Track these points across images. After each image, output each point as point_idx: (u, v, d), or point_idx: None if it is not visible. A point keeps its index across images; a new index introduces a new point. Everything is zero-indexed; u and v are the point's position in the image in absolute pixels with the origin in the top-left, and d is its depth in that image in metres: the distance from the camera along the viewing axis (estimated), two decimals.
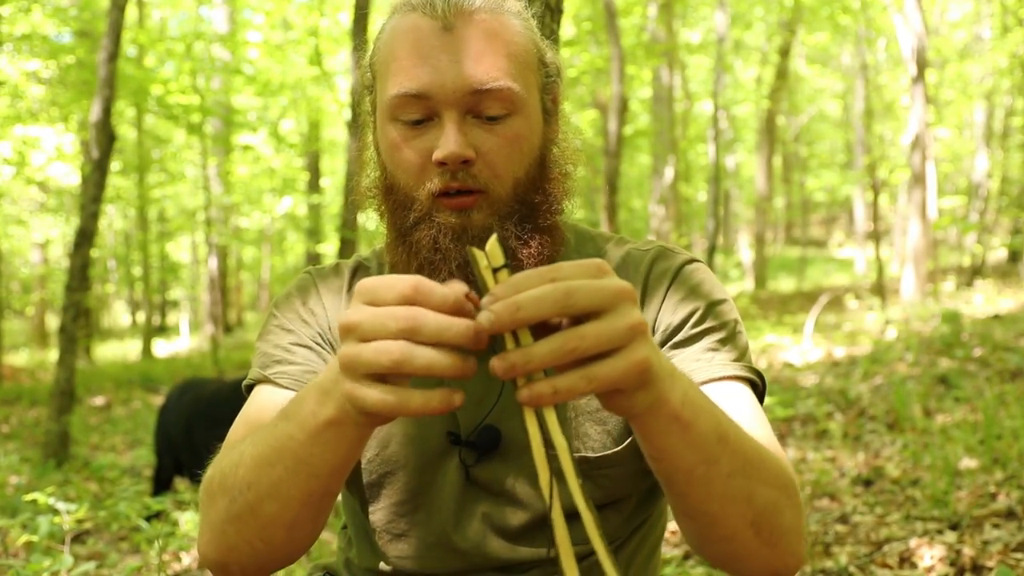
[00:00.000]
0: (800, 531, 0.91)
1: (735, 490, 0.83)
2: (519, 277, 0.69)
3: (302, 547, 0.93)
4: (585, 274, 0.69)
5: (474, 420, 1.06)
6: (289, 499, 0.85)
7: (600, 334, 0.68)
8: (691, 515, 0.87)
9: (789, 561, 0.90)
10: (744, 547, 0.87)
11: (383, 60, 1.03)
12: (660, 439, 0.78)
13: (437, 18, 0.98)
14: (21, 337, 19.61)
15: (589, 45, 12.79)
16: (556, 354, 0.67)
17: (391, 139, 1.02)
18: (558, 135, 1.09)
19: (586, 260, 0.71)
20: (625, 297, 0.69)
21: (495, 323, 0.67)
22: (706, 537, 0.89)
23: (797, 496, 0.91)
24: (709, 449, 0.80)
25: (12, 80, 10.05)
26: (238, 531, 0.90)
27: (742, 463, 0.83)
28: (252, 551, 0.91)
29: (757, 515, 0.85)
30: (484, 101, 0.98)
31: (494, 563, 1.06)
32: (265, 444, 0.86)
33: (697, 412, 0.78)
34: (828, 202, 27.89)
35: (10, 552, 3.14)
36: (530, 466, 1.04)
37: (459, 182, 0.99)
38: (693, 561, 2.73)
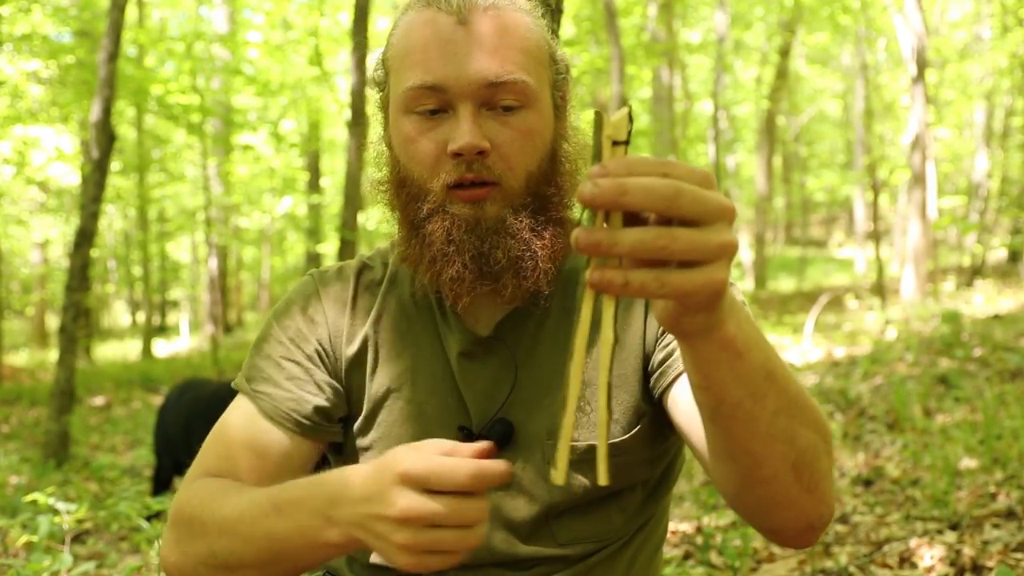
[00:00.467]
0: (832, 481, 0.91)
1: (779, 429, 0.82)
2: (635, 159, 0.65)
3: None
4: (696, 180, 0.66)
5: (486, 413, 1.07)
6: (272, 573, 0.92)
7: (693, 241, 0.64)
8: (733, 455, 0.85)
9: (823, 510, 0.90)
10: (784, 491, 0.87)
11: (398, 55, 1.04)
12: (709, 366, 0.77)
13: (452, 13, 1.00)
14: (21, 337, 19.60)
15: (589, 45, 12.79)
16: (644, 246, 0.64)
17: (405, 132, 1.03)
18: (568, 131, 1.10)
19: (697, 167, 0.68)
20: (726, 215, 0.66)
21: (597, 197, 0.63)
22: (746, 480, 0.87)
23: (831, 445, 0.90)
24: (757, 384, 0.79)
25: (12, 80, 10.05)
26: (211, 574, 0.95)
27: (787, 403, 0.82)
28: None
29: (799, 457, 0.85)
30: (499, 94, 1.00)
31: (499, 558, 1.06)
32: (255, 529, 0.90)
33: (749, 344, 0.77)
34: (828, 202, 27.88)
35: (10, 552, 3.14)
36: (539, 457, 1.05)
37: (474, 173, 0.99)
38: (693, 561, 2.73)
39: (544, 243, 1.03)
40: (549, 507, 1.05)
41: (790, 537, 0.93)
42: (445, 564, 0.79)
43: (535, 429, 1.06)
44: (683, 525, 3.10)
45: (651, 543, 1.15)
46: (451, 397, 1.08)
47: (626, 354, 1.08)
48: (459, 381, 1.08)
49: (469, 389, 1.07)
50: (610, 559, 1.09)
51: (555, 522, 1.07)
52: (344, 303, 1.14)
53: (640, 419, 1.07)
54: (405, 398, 1.09)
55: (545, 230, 1.03)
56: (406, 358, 1.10)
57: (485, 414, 1.07)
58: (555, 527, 1.07)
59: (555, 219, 1.05)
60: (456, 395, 1.08)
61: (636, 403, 1.07)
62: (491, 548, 1.06)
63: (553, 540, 1.07)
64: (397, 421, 1.09)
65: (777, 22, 17.34)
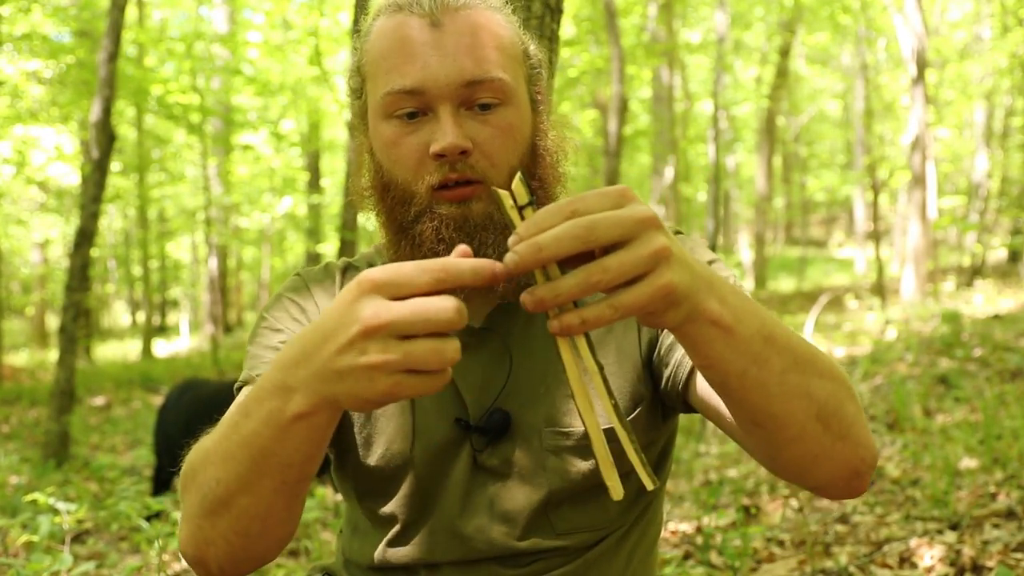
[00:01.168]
0: (865, 423, 0.91)
1: (792, 386, 0.83)
2: (540, 215, 0.70)
3: (279, 539, 0.92)
4: (608, 204, 0.71)
5: (482, 405, 1.07)
6: (260, 490, 0.85)
7: (623, 264, 0.69)
8: (757, 421, 0.86)
9: (863, 454, 0.90)
10: (817, 443, 0.87)
11: (372, 61, 1.04)
12: (705, 346, 0.79)
13: (425, 15, 1.00)
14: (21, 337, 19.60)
15: (589, 45, 12.79)
16: (581, 287, 0.69)
17: (386, 137, 1.03)
18: (546, 125, 1.11)
19: (610, 188, 0.72)
20: (648, 224, 0.71)
21: (520, 264, 0.68)
22: (777, 443, 0.88)
23: (853, 390, 0.91)
24: (756, 350, 0.80)
25: (12, 80, 10.05)
26: (213, 525, 0.89)
27: (792, 359, 0.83)
28: (228, 546, 0.90)
29: (821, 407, 0.85)
30: (476, 93, 1.00)
31: (498, 551, 1.06)
32: (230, 441, 0.85)
33: (739, 316, 0.79)
34: (828, 202, 27.87)
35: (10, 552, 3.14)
36: (536, 445, 1.06)
37: (458, 173, 1.00)
38: (693, 561, 2.73)
39: None
40: (548, 495, 1.06)
41: (840, 488, 0.93)
42: (425, 386, 0.71)
43: (532, 419, 1.07)
44: (683, 525, 3.11)
45: (648, 537, 1.16)
46: (447, 389, 1.08)
47: (617, 336, 1.09)
48: (454, 373, 1.08)
49: (463, 380, 1.08)
50: (609, 553, 1.10)
51: (553, 512, 1.07)
52: (332, 295, 1.15)
53: (637, 404, 1.08)
54: None
55: None
56: None
57: (481, 405, 1.07)
58: (553, 517, 1.07)
59: None
60: (452, 387, 1.08)
61: (632, 387, 1.08)
62: (490, 541, 1.06)
63: (552, 531, 1.07)
64: (394, 412, 1.09)
65: (777, 22, 17.33)
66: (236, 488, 0.85)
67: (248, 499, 0.86)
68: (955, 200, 15.71)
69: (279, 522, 0.90)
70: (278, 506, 0.87)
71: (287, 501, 0.87)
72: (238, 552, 0.91)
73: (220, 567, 0.93)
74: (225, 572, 0.94)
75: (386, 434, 1.09)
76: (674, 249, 0.72)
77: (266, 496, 0.85)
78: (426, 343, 0.69)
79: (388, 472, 1.09)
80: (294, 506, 0.90)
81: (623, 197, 0.71)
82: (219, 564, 0.93)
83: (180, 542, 0.96)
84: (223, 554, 0.91)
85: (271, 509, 0.87)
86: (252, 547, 0.91)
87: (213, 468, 0.87)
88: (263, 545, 0.91)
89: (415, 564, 1.09)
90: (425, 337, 0.69)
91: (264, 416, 0.80)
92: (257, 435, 0.81)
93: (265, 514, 0.87)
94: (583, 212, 0.69)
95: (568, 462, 1.06)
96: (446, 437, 1.08)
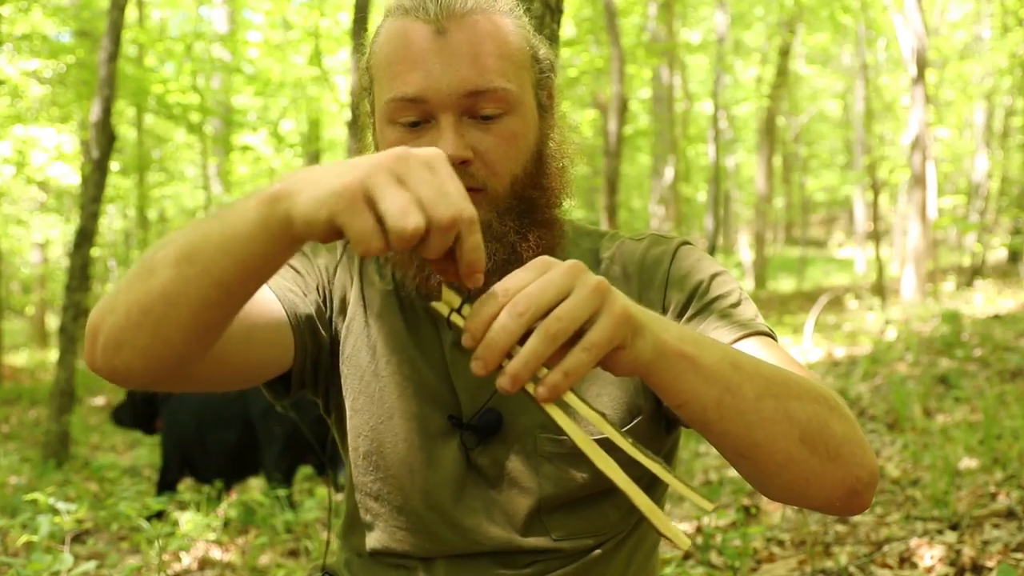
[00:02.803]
0: (860, 441, 0.90)
1: (769, 412, 0.83)
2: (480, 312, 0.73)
3: (166, 342, 0.86)
4: (534, 275, 0.74)
5: (476, 404, 1.07)
6: (190, 296, 0.82)
7: (573, 308, 0.72)
8: (741, 453, 0.87)
9: (859, 472, 0.89)
10: (806, 467, 0.87)
11: (379, 64, 1.04)
12: (677, 383, 0.80)
13: (430, 22, 1.00)
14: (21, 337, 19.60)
15: (589, 45, 12.78)
16: (545, 343, 0.72)
17: (389, 142, 1.03)
18: (554, 130, 1.10)
19: (531, 262, 0.76)
20: (575, 272, 0.74)
21: (487, 366, 0.73)
22: (765, 471, 0.88)
23: (841, 407, 0.90)
24: (726, 377, 0.81)
25: (12, 80, 10.05)
26: (128, 291, 0.87)
27: (765, 384, 0.84)
28: (125, 317, 0.86)
29: (803, 430, 0.85)
30: (479, 102, 1.00)
31: (496, 546, 1.06)
32: (195, 231, 0.84)
33: (700, 345, 0.81)
34: (828, 202, 27.87)
35: (10, 552, 3.14)
36: (530, 450, 1.06)
37: None
38: (693, 561, 2.73)
39: (529, 245, 1.04)
40: (540, 500, 1.06)
41: (838, 508, 0.92)
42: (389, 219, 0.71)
43: (525, 422, 1.07)
44: (683, 525, 3.11)
45: (648, 540, 1.16)
46: (443, 384, 1.09)
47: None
48: (451, 370, 1.09)
49: (460, 379, 1.08)
50: (608, 555, 1.09)
51: (547, 516, 1.07)
52: (335, 261, 1.17)
53: (635, 416, 1.07)
54: (404, 373, 1.10)
55: (530, 232, 1.04)
56: (406, 335, 1.11)
57: (475, 404, 1.07)
58: (547, 521, 1.07)
59: (541, 220, 1.06)
60: (448, 383, 1.09)
61: (629, 399, 1.08)
62: (488, 536, 1.06)
63: (547, 534, 1.07)
64: (394, 392, 1.10)
65: (777, 22, 17.33)
66: (172, 260, 0.83)
67: (172, 273, 0.83)
68: (955, 200, 15.72)
69: (178, 323, 0.85)
70: (190, 298, 0.83)
71: (198, 303, 0.83)
72: (129, 331, 0.86)
73: (105, 343, 0.89)
74: (106, 352, 0.89)
75: (384, 407, 1.10)
76: (611, 290, 0.75)
77: (188, 281, 0.82)
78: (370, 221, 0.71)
79: (378, 443, 1.10)
80: (199, 319, 0.85)
81: (544, 264, 0.75)
82: (105, 339, 0.89)
83: (93, 310, 0.92)
84: (117, 327, 0.87)
85: (183, 298, 0.83)
86: (140, 332, 0.86)
87: (173, 236, 0.86)
88: (149, 337, 0.86)
89: (410, 556, 1.10)
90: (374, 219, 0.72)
91: (246, 195, 0.82)
92: (228, 210, 0.81)
93: (174, 301, 0.83)
94: (514, 292, 0.73)
95: (563, 470, 1.06)
96: (438, 429, 1.08)
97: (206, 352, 0.91)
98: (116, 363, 0.90)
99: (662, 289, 1.08)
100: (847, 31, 16.52)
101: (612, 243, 1.14)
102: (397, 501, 1.10)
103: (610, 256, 1.12)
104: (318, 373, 1.14)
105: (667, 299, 1.08)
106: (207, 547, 3.44)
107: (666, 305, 1.08)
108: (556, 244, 1.09)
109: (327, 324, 1.13)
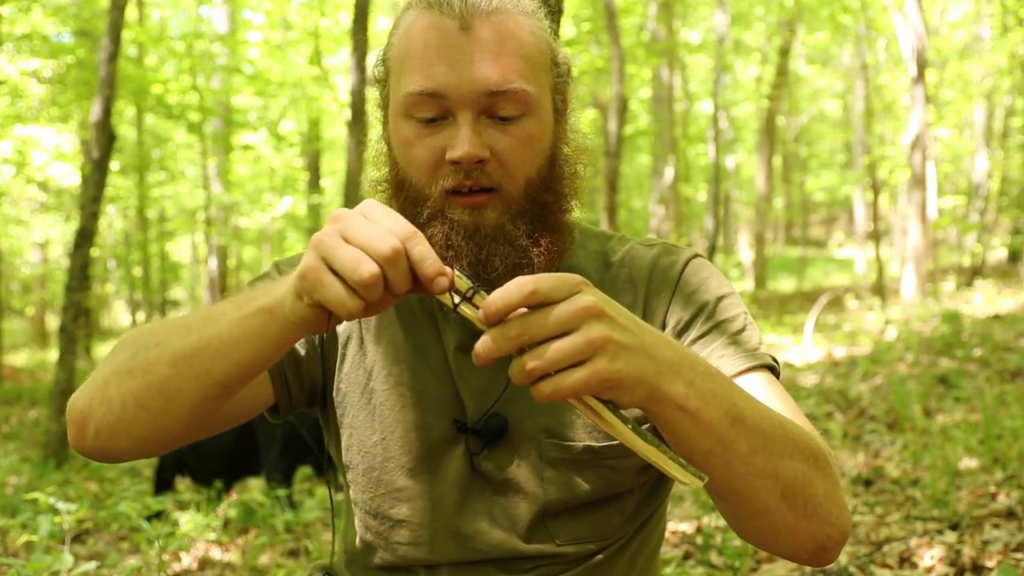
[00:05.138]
0: (838, 500, 0.92)
1: (758, 467, 0.85)
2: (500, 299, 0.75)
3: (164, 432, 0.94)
4: (564, 293, 0.76)
5: (481, 408, 1.07)
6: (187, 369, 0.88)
7: (557, 351, 0.75)
8: (719, 494, 0.89)
9: (831, 531, 0.91)
10: (780, 520, 0.89)
11: (398, 56, 1.03)
12: (670, 426, 0.82)
13: (455, 17, 0.99)
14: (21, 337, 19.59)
15: (589, 45, 12.79)
16: (517, 376, 0.76)
17: (404, 136, 1.02)
18: (568, 134, 1.10)
19: (568, 276, 0.78)
20: (589, 314, 0.76)
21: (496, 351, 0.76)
22: (740, 516, 0.90)
23: (830, 466, 0.91)
24: (723, 432, 0.82)
25: (12, 80, 10.05)
26: (120, 383, 0.91)
27: (761, 441, 0.85)
28: (120, 411, 0.92)
29: (786, 488, 0.87)
30: (499, 102, 0.99)
31: (500, 553, 1.06)
32: (192, 316, 0.90)
33: (706, 399, 0.81)
34: (828, 202, 27.85)
35: (10, 552, 3.14)
36: (535, 455, 1.05)
37: (472, 180, 1.00)
38: (693, 561, 2.73)
39: (540, 250, 1.03)
40: (545, 506, 1.06)
41: (804, 559, 0.94)
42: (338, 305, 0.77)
43: (531, 427, 1.06)
44: (683, 525, 3.10)
45: (650, 544, 1.16)
46: (448, 389, 1.08)
47: None
48: (455, 375, 1.08)
49: (465, 383, 1.08)
50: (610, 560, 1.09)
51: (552, 522, 1.06)
52: None
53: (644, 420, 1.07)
54: (405, 383, 1.10)
55: (542, 237, 1.03)
56: (406, 344, 1.11)
57: (480, 409, 1.07)
58: (552, 527, 1.07)
59: (552, 225, 1.05)
60: (452, 388, 1.08)
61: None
62: (491, 543, 1.06)
63: (551, 539, 1.07)
64: (396, 405, 1.09)
65: (777, 22, 17.33)
66: (168, 358, 0.89)
67: (169, 372, 0.89)
68: (955, 200, 15.71)
69: (176, 415, 0.91)
70: (188, 394, 0.89)
71: (197, 398, 0.90)
72: (126, 422, 0.92)
73: (97, 431, 0.94)
74: (99, 439, 0.94)
75: (385, 421, 1.10)
76: (618, 337, 0.76)
77: (186, 380, 0.88)
78: (353, 250, 0.76)
79: (382, 459, 1.09)
80: (197, 412, 0.91)
81: (568, 288, 0.76)
82: (98, 427, 0.94)
83: (75, 394, 0.96)
84: (112, 417, 0.92)
85: (181, 394, 0.89)
86: (138, 425, 0.92)
87: (163, 333, 0.91)
88: (149, 429, 0.93)
89: (414, 563, 1.09)
90: (358, 248, 0.76)
91: (237, 302, 0.86)
92: (222, 315, 0.87)
93: (173, 396, 0.89)
94: (541, 295, 0.75)
95: (567, 475, 1.05)
96: (442, 436, 1.08)
97: (200, 433, 0.98)
98: (112, 448, 0.95)
99: (667, 301, 1.08)
100: (847, 31, 16.51)
101: (621, 246, 1.14)
102: (400, 515, 1.09)
103: (619, 260, 1.12)
104: (312, 395, 1.15)
105: (671, 312, 1.07)
106: (207, 547, 3.44)
107: (668, 317, 1.07)
108: (566, 249, 1.08)
109: (313, 352, 1.12)
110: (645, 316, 1.08)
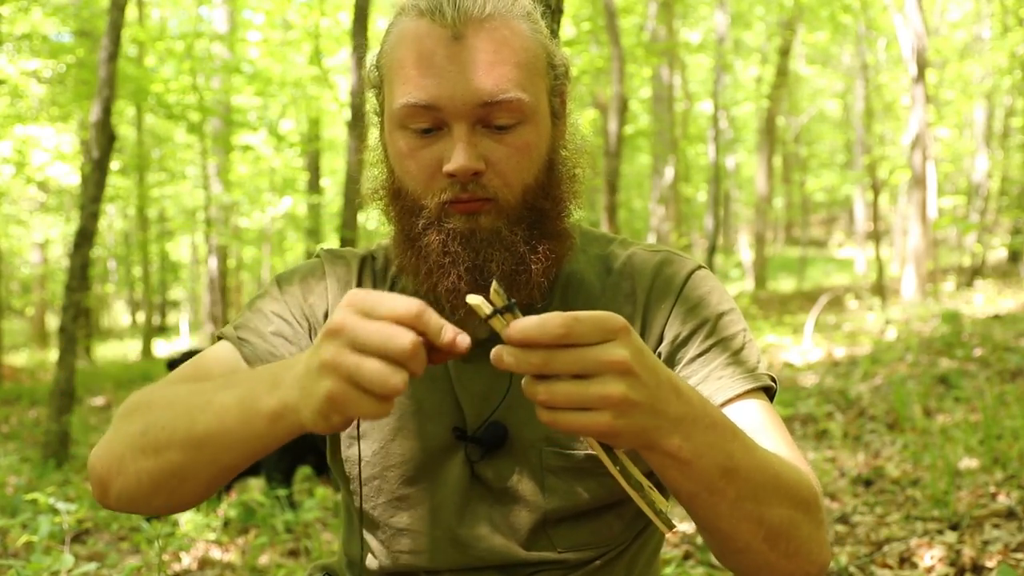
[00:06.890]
0: (821, 540, 0.93)
1: (744, 512, 0.86)
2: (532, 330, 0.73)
3: (183, 503, 0.96)
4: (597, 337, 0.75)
5: (481, 416, 1.06)
6: (197, 457, 0.88)
7: (568, 394, 0.75)
8: (704, 528, 0.91)
9: (809, 568, 0.92)
10: (762, 559, 0.90)
11: (390, 64, 1.02)
12: (659, 470, 0.84)
13: (447, 26, 0.97)
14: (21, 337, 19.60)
15: (589, 45, 12.78)
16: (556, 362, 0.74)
17: (399, 147, 1.02)
18: (566, 136, 1.09)
19: (609, 319, 0.75)
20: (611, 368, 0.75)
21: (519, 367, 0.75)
22: (722, 549, 0.92)
23: (817, 509, 0.93)
24: (710, 482, 0.83)
25: (12, 80, 10.05)
26: (135, 461, 0.92)
27: (751, 490, 0.86)
28: (138, 485, 0.93)
29: (769, 531, 0.88)
30: (493, 112, 0.98)
31: (500, 560, 1.06)
32: (198, 399, 0.89)
33: (700, 452, 0.82)
34: (828, 202, 27.86)
35: (10, 552, 3.15)
36: (536, 463, 1.05)
37: (469, 193, 0.99)
38: (693, 561, 2.73)
39: (538, 257, 1.02)
40: (545, 514, 1.05)
41: None
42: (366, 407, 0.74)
43: (531, 435, 1.05)
44: (683, 525, 3.11)
45: (650, 546, 1.15)
46: (447, 397, 1.08)
47: None
48: (455, 382, 1.08)
49: (464, 391, 1.07)
50: (609, 565, 1.09)
51: (552, 529, 1.06)
52: (348, 284, 1.14)
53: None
54: (404, 394, 1.09)
55: (540, 243, 1.02)
56: None
57: (480, 416, 1.06)
58: (553, 534, 1.06)
59: (551, 231, 1.04)
60: (452, 396, 1.08)
61: None
62: (492, 550, 1.05)
63: (552, 546, 1.06)
64: (394, 413, 1.09)
65: (777, 22, 17.33)
66: (177, 444, 0.89)
67: (181, 458, 0.89)
68: (955, 200, 15.72)
69: (192, 491, 0.93)
70: (201, 477, 0.91)
71: (210, 479, 0.91)
72: (143, 495, 0.94)
73: (118, 496, 0.96)
74: (120, 503, 0.96)
75: (385, 431, 1.09)
76: (632, 397, 0.75)
77: (198, 466, 0.89)
78: (375, 363, 0.71)
79: (382, 468, 1.09)
80: (212, 486, 0.93)
81: (603, 331, 0.74)
82: (118, 495, 0.95)
83: (94, 454, 0.97)
84: (130, 488, 0.94)
85: (194, 477, 0.90)
86: (156, 498, 0.94)
87: (170, 414, 0.90)
88: (167, 501, 0.95)
89: (415, 570, 1.09)
90: (378, 359, 0.71)
91: (241, 396, 0.84)
92: (226, 412, 0.85)
93: (187, 478, 0.90)
94: (574, 337, 0.73)
95: (568, 484, 1.05)
96: (442, 444, 1.07)
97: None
98: (135, 511, 0.99)
99: (667, 312, 1.07)
100: (847, 31, 16.51)
101: (623, 251, 1.13)
102: (401, 523, 1.09)
103: (620, 267, 1.11)
104: None
105: (670, 324, 1.07)
106: (207, 547, 3.44)
107: (667, 330, 1.07)
108: (565, 255, 1.07)
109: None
110: (644, 326, 1.07)
